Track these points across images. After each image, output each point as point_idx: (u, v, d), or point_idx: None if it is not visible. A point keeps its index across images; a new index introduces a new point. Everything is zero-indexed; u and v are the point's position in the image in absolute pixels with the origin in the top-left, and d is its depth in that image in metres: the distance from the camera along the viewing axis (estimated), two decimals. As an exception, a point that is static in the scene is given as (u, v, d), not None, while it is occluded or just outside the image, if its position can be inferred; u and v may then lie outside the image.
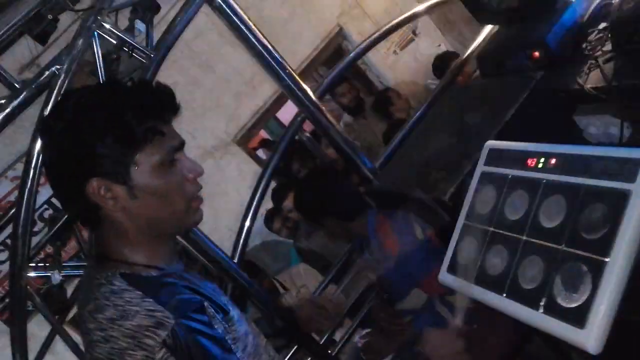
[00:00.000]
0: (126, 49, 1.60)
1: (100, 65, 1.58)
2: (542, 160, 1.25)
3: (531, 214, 1.22)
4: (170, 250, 1.08)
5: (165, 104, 1.00)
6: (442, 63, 4.05)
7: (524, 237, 1.21)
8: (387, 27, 2.51)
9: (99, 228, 1.02)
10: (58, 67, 1.52)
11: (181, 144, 1.03)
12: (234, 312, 1.07)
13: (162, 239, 1.05)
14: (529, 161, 1.29)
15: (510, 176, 1.32)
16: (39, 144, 1.48)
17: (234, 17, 1.77)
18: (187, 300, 0.96)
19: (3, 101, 1.57)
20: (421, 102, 2.55)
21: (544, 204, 1.20)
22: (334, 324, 1.50)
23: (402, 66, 4.94)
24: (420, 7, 2.65)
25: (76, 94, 1.01)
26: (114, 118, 0.94)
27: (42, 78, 1.56)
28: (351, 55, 2.48)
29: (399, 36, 4.85)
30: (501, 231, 1.28)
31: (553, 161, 1.22)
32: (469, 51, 2.41)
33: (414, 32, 4.94)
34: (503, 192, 1.32)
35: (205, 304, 0.97)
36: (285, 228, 3.85)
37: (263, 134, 6.29)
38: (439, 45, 4.97)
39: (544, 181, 1.22)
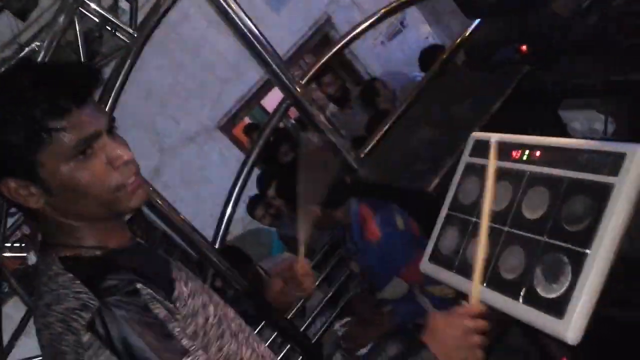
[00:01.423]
0: (109, 28, 1.57)
1: (81, 43, 1.54)
2: (527, 152, 1.25)
3: (514, 205, 1.22)
4: (113, 231, 1.01)
5: (68, 95, 0.89)
6: (428, 56, 4.04)
7: (506, 228, 1.21)
8: (376, 16, 2.50)
9: (35, 219, 0.98)
10: (38, 43, 1.48)
11: (96, 132, 0.92)
12: (186, 287, 1.01)
13: (99, 223, 0.99)
14: (514, 153, 1.29)
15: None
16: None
17: (222, 1, 1.74)
18: (119, 281, 0.89)
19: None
20: (407, 93, 2.55)
21: (527, 195, 1.20)
22: (304, 292, 1.41)
23: (389, 57, 4.94)
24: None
25: None
26: (10, 118, 0.87)
27: (21, 54, 1.52)
28: (339, 44, 2.46)
29: (387, 27, 4.84)
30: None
31: (537, 153, 1.22)
32: (455, 43, 2.40)
33: (402, 24, 4.94)
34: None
35: (139, 285, 0.90)
36: (268, 215, 3.84)
37: (247, 121, 6.25)
38: (427, 37, 4.97)
39: (528, 173, 1.22)
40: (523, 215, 1.19)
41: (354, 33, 2.45)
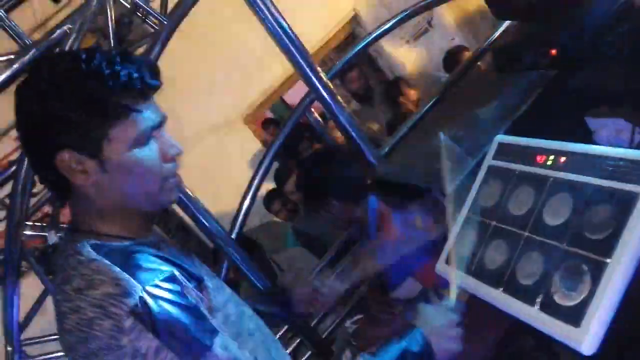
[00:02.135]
0: (139, 14, 1.58)
1: (112, 28, 1.55)
2: (552, 157, 1.24)
3: (535, 210, 1.21)
4: (144, 224, 1.05)
5: (145, 80, 0.95)
6: (453, 57, 4.02)
7: (526, 233, 1.20)
8: (402, 15, 2.48)
9: (71, 199, 1.00)
10: (70, 26, 1.50)
11: (161, 122, 0.98)
12: (210, 282, 1.05)
13: (134, 213, 1.01)
14: (538, 157, 1.28)
15: (517, 171, 1.31)
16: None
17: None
18: (156, 268, 0.93)
19: (12, 57, 1.55)
20: (430, 94, 2.53)
21: (549, 201, 1.19)
22: (324, 309, 1.48)
23: (414, 57, 4.90)
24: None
25: (51, 61, 0.96)
26: (89, 91, 0.90)
27: (52, 37, 1.54)
28: (365, 40, 2.46)
29: (413, 26, 4.80)
30: (503, 225, 1.27)
31: (562, 159, 1.21)
32: (483, 45, 2.38)
33: (429, 23, 4.89)
34: (509, 187, 1.31)
35: (176, 272, 0.94)
36: (284, 210, 3.85)
37: (268, 115, 6.27)
38: (453, 38, 4.92)
39: (552, 178, 1.21)
40: (544, 221, 1.17)
41: (380, 30, 2.44)
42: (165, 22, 1.64)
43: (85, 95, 0.91)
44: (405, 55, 4.90)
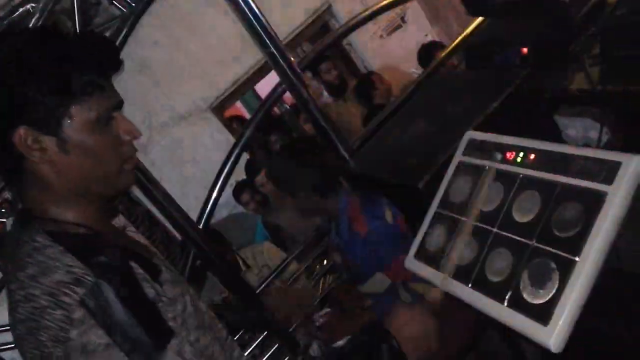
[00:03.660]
0: (107, -5, 1.53)
1: (76, 8, 1.50)
2: (521, 154, 1.24)
3: (504, 206, 1.21)
4: (100, 211, 1.01)
5: (108, 58, 0.95)
6: (427, 53, 4.03)
7: (495, 229, 1.20)
8: (376, 7, 2.48)
9: (22, 182, 0.96)
10: (33, 5, 1.44)
11: (120, 103, 0.97)
12: (168, 274, 1.02)
13: (90, 198, 0.98)
14: (508, 154, 1.28)
15: (487, 167, 1.31)
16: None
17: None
18: (113, 259, 0.89)
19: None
20: (403, 89, 2.53)
21: (518, 198, 1.19)
22: (302, 317, 1.46)
23: (387, 51, 4.90)
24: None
25: (13, 36, 0.92)
26: (52, 65, 0.88)
27: (14, 15, 1.48)
28: (338, 31, 2.44)
29: (387, 21, 4.81)
30: (473, 222, 1.27)
31: (532, 156, 1.21)
32: (456, 41, 2.39)
33: (402, 19, 4.90)
34: (478, 183, 1.31)
35: (134, 264, 0.91)
36: (253, 202, 3.82)
37: (239, 106, 6.19)
38: (426, 34, 4.94)
39: (521, 175, 1.21)
40: (513, 218, 1.17)
41: (354, 21, 2.43)
42: (134, 5, 1.59)
43: (48, 71, 0.88)
44: (379, 50, 4.90)
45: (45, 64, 0.88)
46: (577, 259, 1.00)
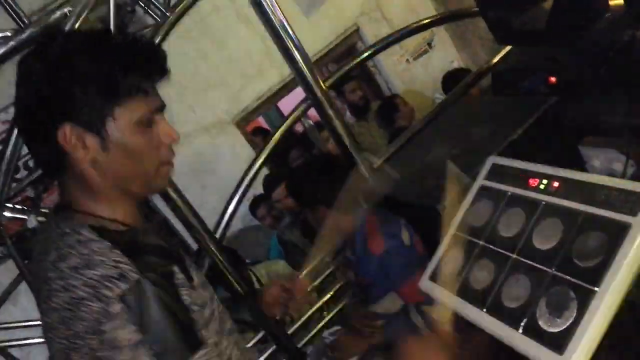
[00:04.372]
0: (142, 4, 1.56)
1: (112, 15, 1.53)
2: (545, 181, 1.23)
3: (525, 233, 1.20)
4: (135, 210, 1.03)
5: (155, 64, 0.98)
6: (452, 79, 4.04)
7: (514, 255, 1.19)
8: (404, 31, 2.49)
9: (62, 177, 0.98)
10: (70, 9, 1.47)
11: (162, 107, 1.00)
12: (198, 278, 1.04)
13: (126, 197, 1.01)
14: (531, 181, 1.27)
15: (509, 193, 1.30)
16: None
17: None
18: (157, 260, 0.92)
19: (9, 34, 1.52)
20: (426, 113, 2.53)
21: (539, 225, 1.18)
22: (299, 308, 1.47)
23: (412, 76, 4.92)
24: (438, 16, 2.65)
25: (64, 36, 0.97)
26: (100, 67, 0.91)
27: (51, 18, 1.51)
28: (365, 53, 2.46)
29: (414, 45, 4.84)
30: (491, 246, 1.26)
31: (556, 184, 1.20)
32: (483, 67, 2.39)
33: (429, 44, 4.93)
34: (499, 208, 1.30)
35: (176, 268, 0.93)
36: (269, 216, 3.82)
37: (261, 121, 6.24)
38: (452, 61, 4.96)
39: (544, 202, 1.20)
40: (533, 245, 1.16)
41: (381, 44, 2.44)
42: (168, 15, 1.62)
43: (97, 72, 0.91)
44: (404, 74, 4.92)
45: (95, 66, 0.91)
46: (597, 289, 0.99)
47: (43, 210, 1.95)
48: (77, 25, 1.51)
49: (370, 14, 4.72)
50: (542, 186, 1.24)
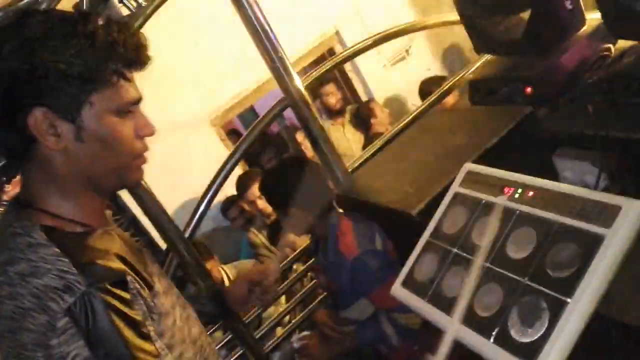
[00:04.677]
0: (118, -8, 1.51)
1: (86, 4, 1.48)
2: (520, 190, 1.23)
3: (499, 242, 1.19)
4: (101, 209, 0.99)
5: (138, 50, 0.93)
6: (428, 86, 4.05)
7: (487, 264, 1.18)
8: (382, 34, 2.50)
9: (27, 167, 0.92)
10: (41, -8, 1.42)
11: (139, 98, 0.96)
12: (160, 284, 0.99)
13: (95, 193, 0.96)
14: (506, 189, 1.27)
15: (484, 201, 1.30)
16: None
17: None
18: (109, 269, 0.85)
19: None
20: (402, 119, 2.53)
21: (513, 234, 1.17)
22: (266, 300, 1.43)
23: (389, 81, 4.93)
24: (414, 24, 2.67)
25: (43, 14, 0.90)
26: (81, 50, 0.86)
27: (21, 3, 1.45)
28: (342, 55, 2.45)
29: (392, 52, 4.85)
30: (465, 254, 1.25)
31: (531, 193, 1.20)
32: (460, 75, 2.40)
33: (407, 51, 4.95)
34: (474, 216, 1.29)
35: (129, 278, 0.87)
36: (241, 218, 3.77)
37: (236, 122, 6.19)
38: (429, 69, 4.99)
39: (518, 212, 1.19)
40: (506, 254, 1.15)
41: (360, 46, 2.44)
42: (144, 5, 1.57)
43: (76, 55, 0.85)
44: (381, 80, 4.93)
45: (74, 49, 0.85)
46: (569, 300, 0.98)
47: (4, 202, 1.88)
48: (47, 12, 1.46)
49: (350, 18, 4.72)
50: (516, 195, 1.23)
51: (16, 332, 0.80)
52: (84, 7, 1.57)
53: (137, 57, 0.94)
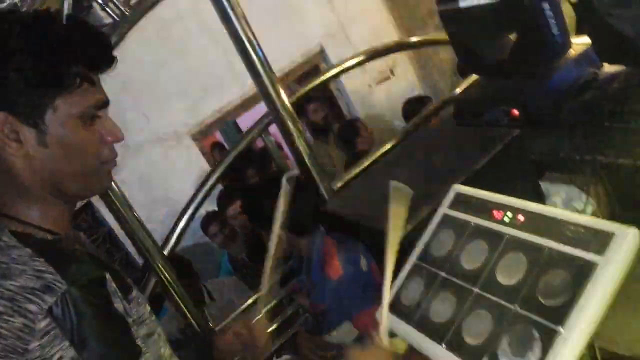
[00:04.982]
0: (100, 1, 1.47)
1: (66, 9, 1.44)
2: (509, 214, 1.20)
3: (488, 266, 1.16)
4: (67, 217, 0.94)
5: (102, 52, 0.90)
6: (411, 107, 4.07)
7: (477, 289, 1.15)
8: (365, 55, 2.49)
9: None
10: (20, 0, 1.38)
11: (106, 102, 0.92)
12: (136, 293, 0.95)
13: (61, 199, 0.92)
14: (495, 212, 1.24)
15: (472, 224, 1.27)
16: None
17: (225, 2, 1.67)
18: (86, 268, 0.83)
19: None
20: (384, 140, 2.52)
21: (503, 259, 1.14)
22: (256, 355, 1.32)
23: (373, 101, 4.94)
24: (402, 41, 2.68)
25: (2, 15, 0.87)
26: (41, 52, 0.82)
27: (1, 6, 1.41)
28: (329, 71, 2.43)
29: (377, 72, 4.87)
30: (453, 278, 1.21)
31: (521, 217, 1.17)
32: (448, 97, 2.40)
33: (391, 71, 4.97)
34: (462, 239, 1.26)
35: (107, 276, 0.85)
36: (221, 234, 3.70)
37: (217, 136, 6.13)
38: (412, 89, 5.01)
39: (507, 236, 1.17)
40: (496, 279, 1.12)
41: (345, 65, 2.43)
42: (127, 14, 1.54)
43: (37, 57, 0.82)
44: (366, 99, 4.94)
45: (35, 50, 0.82)
46: (561, 329, 0.95)
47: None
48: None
49: (334, 35, 4.73)
50: (506, 219, 1.21)
51: None
52: (64, 12, 1.52)
53: (103, 59, 0.90)
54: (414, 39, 2.85)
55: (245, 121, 4.73)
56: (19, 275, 0.77)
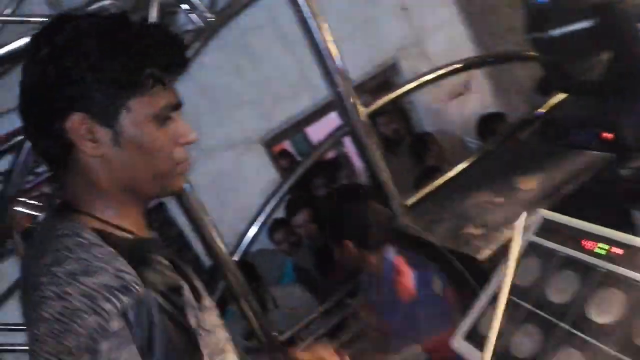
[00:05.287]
0: (186, 6, 1.49)
1: (155, 15, 1.46)
2: (603, 246, 1.11)
3: (579, 301, 1.07)
4: (142, 219, 0.94)
5: (176, 54, 0.90)
6: (485, 124, 3.94)
7: (566, 326, 1.06)
8: (443, 70, 2.42)
9: (66, 172, 0.89)
10: (110, 2, 1.41)
11: (179, 104, 0.92)
12: (207, 301, 0.94)
13: (136, 199, 0.92)
14: (585, 243, 1.15)
15: (560, 253, 1.18)
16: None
17: (307, 9, 1.66)
18: (164, 274, 0.82)
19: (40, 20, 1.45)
20: (455, 156, 2.43)
21: (597, 295, 1.05)
22: None
23: (446, 115, 4.82)
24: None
25: (78, 18, 0.87)
26: (116, 54, 0.83)
27: (90, 9, 1.45)
28: (404, 86, 2.38)
29: (451, 86, 4.74)
30: (540, 312, 1.13)
31: (619, 251, 1.08)
32: (531, 115, 2.28)
33: (466, 86, 4.83)
34: (549, 269, 1.18)
35: (185, 285, 0.84)
36: (287, 242, 3.70)
37: (286, 145, 6.17)
38: (487, 106, 4.85)
39: (604, 270, 1.07)
40: (588, 317, 1.04)
41: (422, 80, 2.37)
42: (212, 20, 1.55)
43: (113, 58, 0.82)
44: (438, 113, 4.82)
45: (109, 51, 0.82)
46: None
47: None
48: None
49: (410, 49, 4.65)
50: (599, 250, 1.12)
51: (60, 335, 0.74)
52: (151, 17, 1.55)
53: (176, 61, 0.90)
54: (497, 52, 2.74)
55: (316, 131, 4.72)
56: (100, 273, 0.76)
